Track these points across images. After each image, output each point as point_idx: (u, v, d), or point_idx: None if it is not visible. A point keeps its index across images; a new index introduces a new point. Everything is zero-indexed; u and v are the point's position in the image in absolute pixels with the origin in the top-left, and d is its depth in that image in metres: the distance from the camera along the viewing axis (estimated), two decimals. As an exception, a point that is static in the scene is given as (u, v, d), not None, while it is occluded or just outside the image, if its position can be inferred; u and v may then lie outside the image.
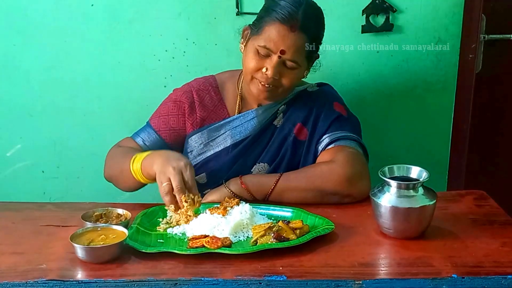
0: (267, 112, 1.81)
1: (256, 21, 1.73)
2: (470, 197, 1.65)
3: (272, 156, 1.79)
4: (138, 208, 1.59)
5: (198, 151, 1.82)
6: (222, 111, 1.84)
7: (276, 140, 1.80)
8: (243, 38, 1.77)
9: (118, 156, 1.76)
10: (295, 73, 1.71)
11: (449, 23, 2.21)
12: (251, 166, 1.79)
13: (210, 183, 1.79)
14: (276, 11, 1.66)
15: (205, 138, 1.81)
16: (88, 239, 1.34)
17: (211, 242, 1.35)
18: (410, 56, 2.24)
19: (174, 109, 1.84)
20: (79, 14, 2.15)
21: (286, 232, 1.38)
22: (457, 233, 1.43)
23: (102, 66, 2.22)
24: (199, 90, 1.85)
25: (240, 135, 1.80)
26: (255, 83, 1.72)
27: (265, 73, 1.68)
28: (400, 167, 1.46)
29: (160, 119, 1.84)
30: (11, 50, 2.19)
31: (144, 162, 1.61)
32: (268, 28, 1.66)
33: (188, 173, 1.54)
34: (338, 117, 1.79)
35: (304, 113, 1.80)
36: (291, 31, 1.65)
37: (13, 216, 1.59)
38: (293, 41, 1.65)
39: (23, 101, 2.25)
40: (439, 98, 2.30)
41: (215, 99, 1.85)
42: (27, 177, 2.34)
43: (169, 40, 2.20)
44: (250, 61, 1.69)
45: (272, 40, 1.65)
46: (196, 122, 1.83)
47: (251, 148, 1.80)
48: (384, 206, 1.38)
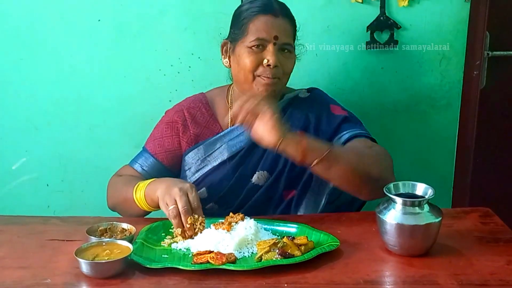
0: None
1: (234, 29, 1.77)
2: (475, 214, 1.65)
3: (271, 164, 1.79)
4: (142, 223, 1.59)
5: (196, 168, 1.82)
6: (214, 126, 1.85)
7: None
8: (223, 53, 1.81)
9: (120, 185, 1.79)
10: (291, 58, 1.76)
11: (454, 40, 2.22)
12: (250, 175, 1.79)
13: (211, 197, 1.79)
14: (252, 8, 1.73)
15: (201, 154, 1.81)
16: (93, 254, 1.34)
17: (216, 258, 1.35)
18: (414, 72, 2.25)
19: (167, 130, 1.85)
20: (86, 29, 2.17)
21: (291, 249, 1.37)
22: (462, 251, 1.42)
23: (108, 80, 2.23)
24: (189, 108, 1.85)
25: (236, 146, 1.80)
26: (259, 81, 1.72)
27: (267, 64, 1.69)
28: (406, 183, 1.46)
29: (155, 142, 1.85)
30: (18, 64, 2.21)
31: (147, 189, 1.63)
32: (252, 24, 1.71)
33: (193, 194, 1.55)
34: (344, 119, 1.79)
35: (301, 121, 1.80)
36: (275, 16, 1.71)
37: (18, 230, 1.59)
38: (281, 25, 1.72)
39: (29, 115, 2.27)
40: (443, 114, 2.31)
41: (207, 115, 1.85)
42: (31, 190, 2.34)
43: (175, 55, 2.21)
44: (247, 60, 1.71)
45: (262, 30, 1.69)
46: (191, 139, 1.83)
47: (249, 157, 1.79)
48: (389, 223, 1.38)
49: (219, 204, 1.78)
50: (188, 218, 1.50)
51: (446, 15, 2.18)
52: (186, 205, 1.52)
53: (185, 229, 1.50)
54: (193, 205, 1.54)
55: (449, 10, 2.18)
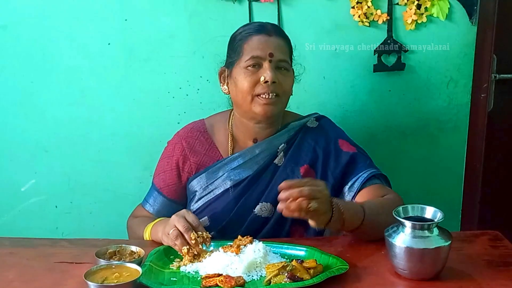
0: (265, 152, 1.80)
1: (230, 54, 1.79)
2: (484, 238, 1.64)
3: (276, 196, 1.73)
4: (151, 246, 1.59)
5: (198, 196, 1.81)
6: (214, 153, 1.84)
7: (279, 179, 1.76)
8: (221, 81, 1.83)
9: (135, 228, 1.82)
10: (289, 76, 1.76)
11: (461, 63, 2.23)
12: (253, 206, 1.77)
13: (213, 226, 1.77)
14: (246, 31, 1.76)
15: (204, 182, 1.81)
16: (102, 277, 1.34)
17: (225, 281, 1.35)
18: (422, 95, 2.26)
19: (168, 165, 1.86)
20: (96, 53, 2.20)
21: (300, 272, 1.37)
22: (472, 275, 1.41)
23: (117, 103, 2.25)
24: (187, 137, 1.85)
25: (239, 176, 1.79)
26: (257, 101, 1.72)
27: (265, 81, 1.69)
28: (415, 207, 1.45)
29: (160, 176, 1.87)
30: (29, 87, 2.23)
31: (152, 233, 1.68)
32: (247, 45, 1.73)
33: (190, 215, 1.57)
34: (352, 157, 1.78)
35: (309, 155, 1.79)
36: (269, 36, 1.73)
37: (27, 252, 1.59)
38: (276, 43, 1.73)
39: (39, 137, 2.28)
40: (451, 137, 2.31)
41: (205, 143, 1.85)
42: (40, 212, 2.35)
43: (183, 77, 2.23)
44: (244, 81, 1.71)
45: (257, 48, 1.71)
46: (192, 169, 1.83)
47: (252, 188, 1.78)
48: (398, 247, 1.37)
49: (221, 234, 1.75)
50: (191, 234, 1.51)
51: (453, 38, 2.20)
52: (186, 224, 1.53)
53: (191, 245, 1.50)
54: (194, 224, 1.54)
55: (456, 33, 2.19)
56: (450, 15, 2.17)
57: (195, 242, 1.51)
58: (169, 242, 1.55)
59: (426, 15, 2.15)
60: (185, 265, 1.49)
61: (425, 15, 2.15)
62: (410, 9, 2.14)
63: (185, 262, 1.50)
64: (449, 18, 2.17)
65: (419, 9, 2.14)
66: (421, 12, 2.14)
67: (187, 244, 1.51)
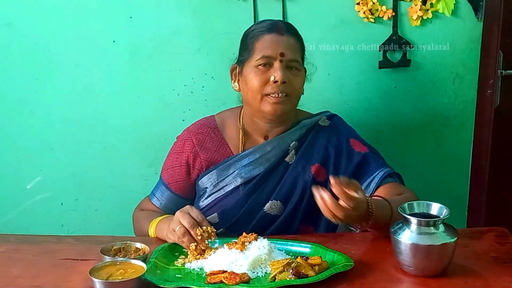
0: (276, 149, 1.79)
1: (242, 51, 1.79)
2: (491, 234, 1.63)
3: (286, 194, 1.77)
4: (156, 242, 1.60)
5: (209, 192, 1.81)
6: (225, 150, 1.83)
7: (290, 177, 1.77)
8: (233, 77, 1.82)
9: (140, 221, 1.83)
10: (300, 76, 1.75)
11: (467, 59, 2.22)
12: (263, 203, 1.76)
13: (222, 223, 1.76)
14: (258, 29, 1.75)
15: (214, 179, 1.80)
16: (107, 273, 1.34)
17: (229, 278, 1.34)
18: (427, 91, 2.25)
19: (177, 161, 1.84)
20: (101, 50, 2.20)
21: (304, 269, 1.37)
22: (479, 271, 1.40)
23: (122, 100, 2.25)
24: (197, 134, 1.84)
25: (250, 173, 1.78)
26: (266, 100, 1.71)
27: (275, 81, 1.69)
28: (420, 203, 1.45)
29: (168, 171, 1.86)
30: (34, 84, 2.24)
31: (157, 230, 1.68)
32: (258, 43, 1.72)
33: (194, 211, 1.57)
34: (364, 157, 1.77)
35: (320, 153, 1.79)
36: (281, 35, 1.72)
37: (32, 249, 1.60)
38: (287, 42, 1.72)
39: (44, 134, 2.29)
40: (457, 133, 2.30)
41: (216, 139, 1.84)
42: (46, 209, 2.36)
43: (188, 75, 2.23)
44: (254, 79, 1.71)
45: (268, 48, 1.70)
46: (202, 166, 1.82)
47: (263, 185, 1.78)
48: (404, 243, 1.37)
49: (230, 230, 1.74)
50: (197, 230, 1.51)
51: (459, 34, 2.18)
52: (191, 220, 1.53)
53: (198, 241, 1.51)
54: (198, 219, 1.54)
55: (462, 29, 2.18)
56: (456, 11, 2.15)
57: (201, 237, 1.51)
58: (175, 239, 1.55)
59: (431, 11, 2.14)
60: (190, 262, 1.49)
61: (430, 11, 2.14)
62: (415, 5, 2.13)
63: (190, 259, 1.50)
64: (455, 14, 2.15)
65: (425, 5, 2.13)
66: (427, 8, 2.13)
67: (194, 241, 1.51)
